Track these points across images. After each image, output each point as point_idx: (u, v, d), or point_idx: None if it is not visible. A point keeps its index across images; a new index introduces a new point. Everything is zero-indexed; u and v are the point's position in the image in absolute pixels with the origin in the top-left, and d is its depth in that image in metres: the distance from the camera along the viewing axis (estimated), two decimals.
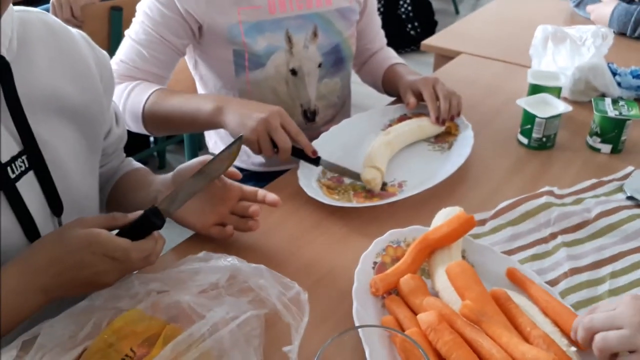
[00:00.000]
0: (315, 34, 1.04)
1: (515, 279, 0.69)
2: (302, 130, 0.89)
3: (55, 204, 0.66)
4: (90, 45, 0.74)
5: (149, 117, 0.95)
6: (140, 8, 0.99)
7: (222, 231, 0.77)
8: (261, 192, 0.77)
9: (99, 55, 0.75)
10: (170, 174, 0.77)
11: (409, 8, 3.40)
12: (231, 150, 0.67)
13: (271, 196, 0.75)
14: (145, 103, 0.95)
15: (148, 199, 0.76)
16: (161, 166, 2.32)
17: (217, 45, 1.00)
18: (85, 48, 0.72)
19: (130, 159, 0.90)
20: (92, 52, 0.73)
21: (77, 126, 0.70)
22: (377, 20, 1.22)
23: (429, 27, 3.43)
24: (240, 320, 0.56)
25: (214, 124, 0.91)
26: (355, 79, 1.26)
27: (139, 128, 0.99)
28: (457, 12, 4.08)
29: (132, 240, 0.61)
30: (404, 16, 3.39)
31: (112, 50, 1.70)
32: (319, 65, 1.07)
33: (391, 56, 1.22)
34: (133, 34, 0.99)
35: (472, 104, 1.16)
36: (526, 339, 0.59)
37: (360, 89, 1.34)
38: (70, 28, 0.72)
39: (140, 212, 0.64)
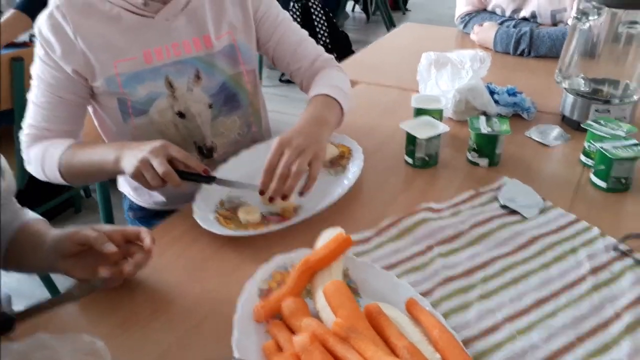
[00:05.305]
0: (198, 77, 1.05)
1: (412, 310, 0.68)
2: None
3: None
4: None
5: (67, 175, 1.00)
6: (34, 72, 1.01)
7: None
8: (143, 233, 0.77)
9: None
10: (52, 245, 0.78)
11: (327, 40, 3.53)
12: (95, 287, 0.75)
13: (147, 243, 0.75)
14: (60, 165, 0.98)
15: (41, 265, 0.79)
16: (78, 209, 2.29)
17: (103, 95, 1.02)
18: None
19: (26, 210, 0.88)
20: None
21: None
22: (292, 39, 1.13)
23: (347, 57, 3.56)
24: None
25: (119, 172, 0.93)
26: (270, 107, 1.25)
27: (62, 183, 1.03)
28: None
29: None
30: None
31: (16, 101, 1.66)
32: (210, 106, 1.08)
33: (315, 86, 1.08)
34: (34, 97, 1.01)
35: (368, 129, 1.22)
36: (393, 351, 0.61)
37: (276, 117, 1.35)
38: None
39: None
